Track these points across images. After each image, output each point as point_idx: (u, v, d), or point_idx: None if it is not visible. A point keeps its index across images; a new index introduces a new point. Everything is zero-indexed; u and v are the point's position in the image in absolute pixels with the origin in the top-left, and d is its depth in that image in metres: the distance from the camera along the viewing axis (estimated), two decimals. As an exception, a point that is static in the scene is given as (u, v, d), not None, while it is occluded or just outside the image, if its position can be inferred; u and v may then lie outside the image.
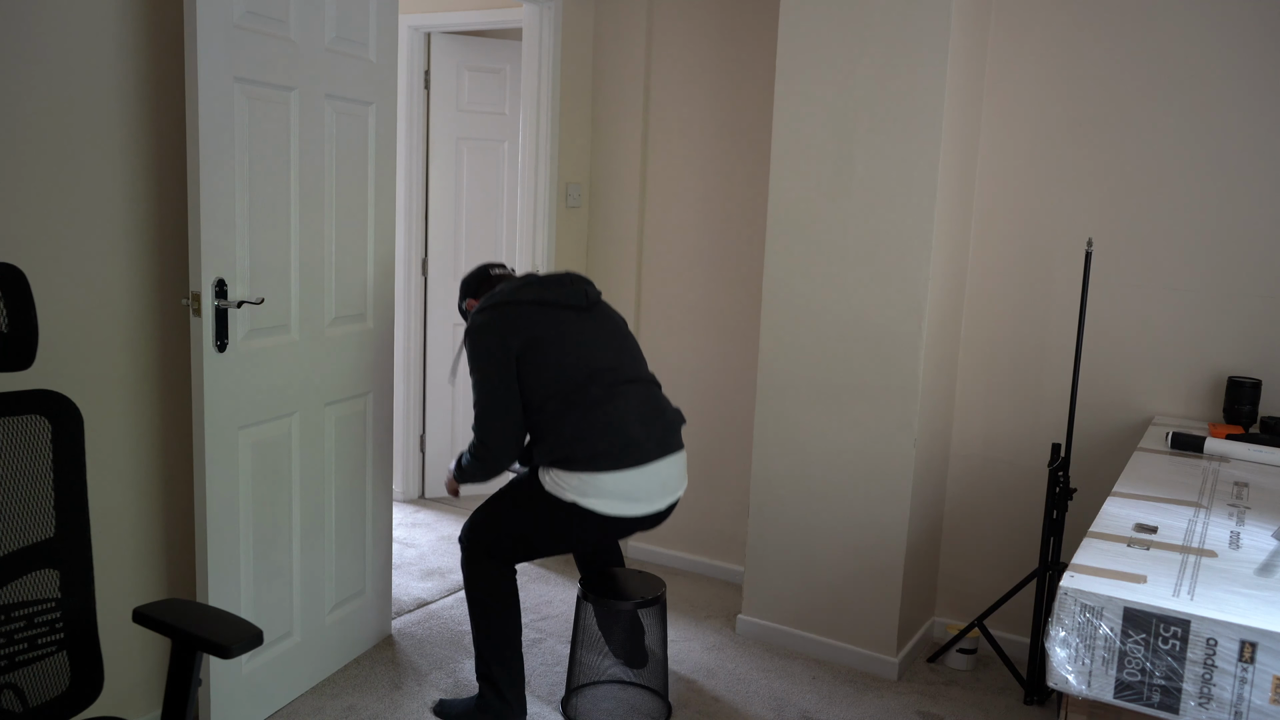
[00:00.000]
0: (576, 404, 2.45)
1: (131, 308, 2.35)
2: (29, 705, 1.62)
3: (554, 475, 2.47)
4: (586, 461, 2.41)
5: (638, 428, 2.48)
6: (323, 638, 2.82)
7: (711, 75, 3.64)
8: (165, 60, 2.35)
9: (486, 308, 2.54)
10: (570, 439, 2.43)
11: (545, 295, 2.54)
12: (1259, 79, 2.74)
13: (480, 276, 2.78)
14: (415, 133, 4.28)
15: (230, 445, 2.41)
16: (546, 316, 2.52)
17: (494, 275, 2.78)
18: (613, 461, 2.42)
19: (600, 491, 2.42)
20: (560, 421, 2.45)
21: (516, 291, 2.54)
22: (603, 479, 2.42)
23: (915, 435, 2.92)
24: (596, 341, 2.55)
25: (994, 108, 3.10)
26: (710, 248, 3.70)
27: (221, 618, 1.61)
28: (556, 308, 2.54)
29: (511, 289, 2.55)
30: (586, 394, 2.46)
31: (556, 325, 2.51)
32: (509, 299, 2.53)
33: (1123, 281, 2.97)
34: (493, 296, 2.56)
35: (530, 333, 2.48)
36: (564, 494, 2.44)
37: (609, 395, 2.48)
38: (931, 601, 3.34)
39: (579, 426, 2.44)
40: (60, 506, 1.65)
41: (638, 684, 2.77)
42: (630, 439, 2.45)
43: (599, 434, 2.43)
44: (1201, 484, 2.28)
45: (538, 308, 2.52)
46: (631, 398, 2.52)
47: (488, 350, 2.48)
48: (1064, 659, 1.63)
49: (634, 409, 2.50)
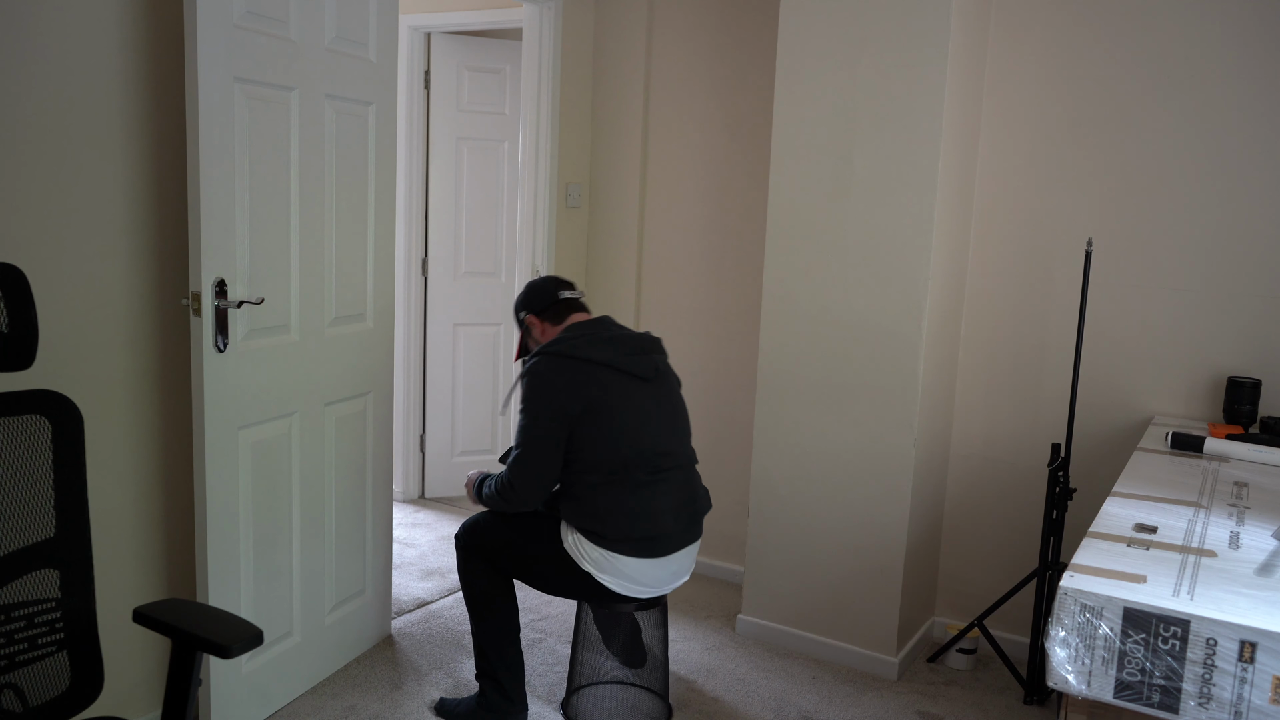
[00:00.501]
0: (618, 482, 2.41)
1: (131, 308, 2.35)
2: (29, 705, 1.62)
3: (577, 539, 2.45)
4: (614, 542, 2.41)
5: (670, 520, 2.46)
6: (323, 638, 2.82)
7: (711, 75, 3.64)
8: (165, 60, 2.35)
9: (556, 355, 2.44)
10: (603, 514, 2.41)
11: (617, 360, 2.45)
12: (1259, 79, 2.74)
13: (548, 294, 2.63)
14: (415, 133, 4.28)
15: (230, 445, 2.41)
16: (612, 385, 2.43)
17: (563, 300, 2.62)
18: (639, 549, 2.42)
19: (618, 573, 2.43)
20: (597, 494, 2.42)
21: (590, 348, 2.44)
22: (624, 562, 2.43)
23: (915, 435, 2.92)
24: (652, 420, 2.48)
25: (994, 108, 3.10)
26: (710, 248, 3.70)
27: (221, 618, 1.61)
28: (625, 375, 2.46)
29: (586, 343, 2.45)
30: (630, 476, 2.42)
31: (618, 397, 2.43)
32: (582, 356, 2.43)
33: (1123, 281, 2.97)
34: (566, 345, 2.45)
35: (592, 400, 2.40)
36: (581, 562, 2.44)
37: (651, 481, 2.45)
38: (931, 601, 3.34)
39: (615, 506, 2.41)
40: (60, 506, 1.65)
41: (638, 684, 2.77)
42: (661, 532, 2.45)
43: (633, 520, 2.41)
44: (1201, 484, 2.28)
45: (607, 370, 2.43)
46: (671, 486, 2.48)
47: (545, 403, 2.41)
48: (1064, 659, 1.63)
49: (671, 499, 2.47)
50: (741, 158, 3.60)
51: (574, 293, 2.64)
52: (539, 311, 2.63)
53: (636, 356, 2.49)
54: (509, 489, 2.47)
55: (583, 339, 2.47)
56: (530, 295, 2.66)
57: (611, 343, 2.48)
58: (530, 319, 2.64)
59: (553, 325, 2.60)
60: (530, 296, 2.66)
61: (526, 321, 2.65)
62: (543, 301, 2.63)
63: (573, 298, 2.63)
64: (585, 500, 2.43)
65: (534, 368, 2.46)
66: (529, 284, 2.70)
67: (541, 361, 2.45)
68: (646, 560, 2.44)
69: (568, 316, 2.60)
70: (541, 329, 2.62)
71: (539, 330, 2.62)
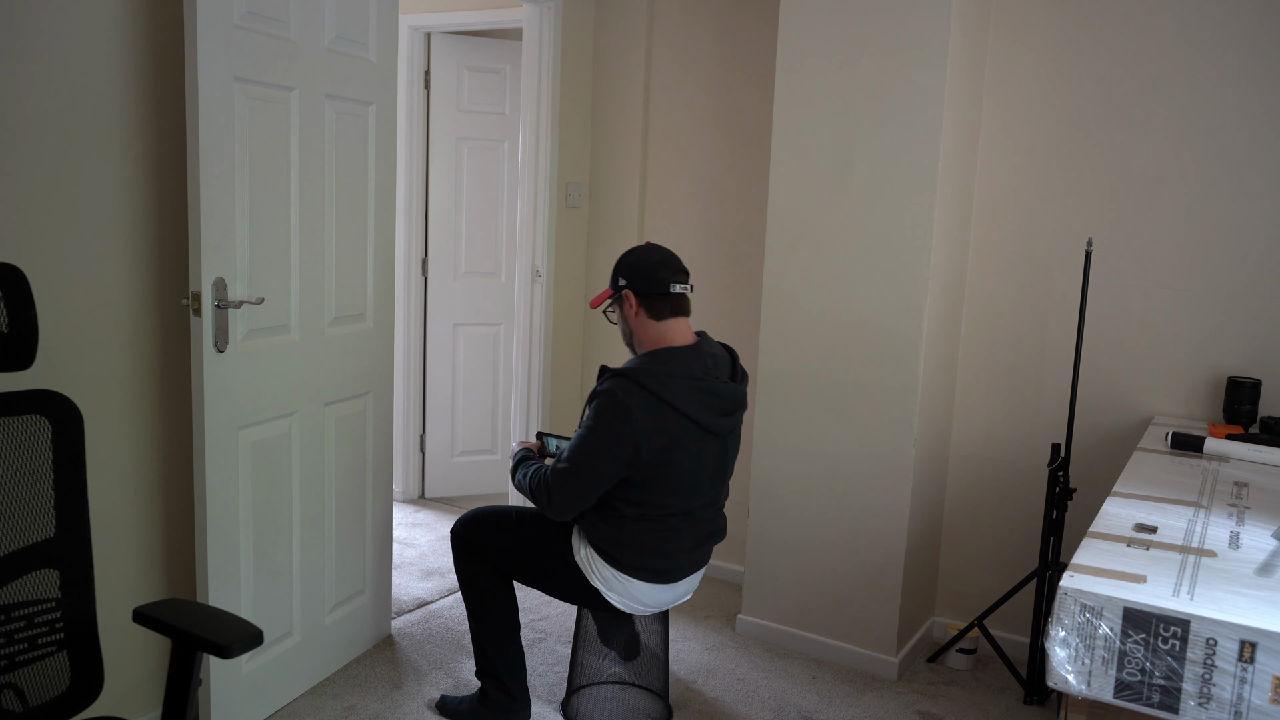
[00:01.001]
0: (648, 520, 2.37)
1: (131, 308, 2.35)
2: (29, 705, 1.62)
3: (590, 555, 2.42)
4: (628, 568, 2.39)
5: (689, 555, 2.45)
6: (323, 638, 2.82)
7: (711, 75, 3.64)
8: (165, 60, 2.35)
9: (646, 390, 2.26)
10: (625, 543, 2.38)
11: (704, 418, 2.30)
12: (1259, 79, 2.74)
13: (659, 280, 2.38)
14: (415, 133, 4.28)
15: (230, 445, 2.41)
16: (687, 439, 2.31)
17: (674, 294, 2.39)
18: (652, 578, 2.41)
19: (626, 594, 2.43)
20: (625, 524, 2.37)
21: (684, 395, 2.28)
22: (636, 586, 2.42)
23: (915, 435, 2.92)
24: (708, 475, 2.40)
25: (994, 108, 3.10)
26: (710, 248, 3.70)
27: (221, 618, 1.61)
28: (704, 431, 2.33)
29: (683, 387, 2.28)
30: (664, 520, 2.38)
31: (687, 453, 2.32)
32: (672, 403, 2.27)
33: (1123, 281, 2.97)
34: (660, 383, 2.27)
35: (662, 450, 2.28)
36: (591, 577, 2.42)
37: (683, 523, 2.40)
38: (931, 601, 3.34)
39: (639, 540, 2.37)
40: (60, 506, 1.65)
41: (638, 684, 2.77)
42: (678, 564, 2.44)
43: (654, 553, 2.39)
44: (1201, 484, 2.28)
45: (689, 424, 2.29)
46: (698, 524, 2.44)
47: (615, 435, 2.26)
48: (1064, 659, 1.63)
49: (694, 536, 2.44)
50: (741, 158, 3.60)
51: (684, 286, 2.42)
52: (642, 294, 2.39)
53: (723, 418, 2.36)
54: (546, 496, 2.36)
55: (680, 381, 2.29)
56: (639, 269, 2.41)
57: (707, 394, 2.32)
58: (629, 294, 2.41)
59: (650, 318, 2.39)
60: (639, 271, 2.40)
61: (624, 294, 2.42)
62: (651, 285, 2.38)
63: (681, 293, 2.41)
64: (610, 524, 2.38)
65: (618, 392, 2.27)
66: (641, 253, 2.44)
67: (630, 390, 2.27)
68: (657, 585, 2.44)
69: (668, 317, 2.40)
70: (635, 314, 2.41)
71: (632, 313, 2.41)
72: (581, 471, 2.30)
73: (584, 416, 2.34)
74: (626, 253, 2.48)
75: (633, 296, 2.40)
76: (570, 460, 2.32)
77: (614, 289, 2.45)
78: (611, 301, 2.47)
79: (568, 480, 2.32)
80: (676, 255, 2.46)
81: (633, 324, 2.43)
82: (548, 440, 2.67)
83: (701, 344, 2.42)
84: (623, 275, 2.43)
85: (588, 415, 2.32)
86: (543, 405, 3.91)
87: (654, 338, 2.40)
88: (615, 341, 3.95)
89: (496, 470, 4.57)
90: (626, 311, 2.43)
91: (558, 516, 2.38)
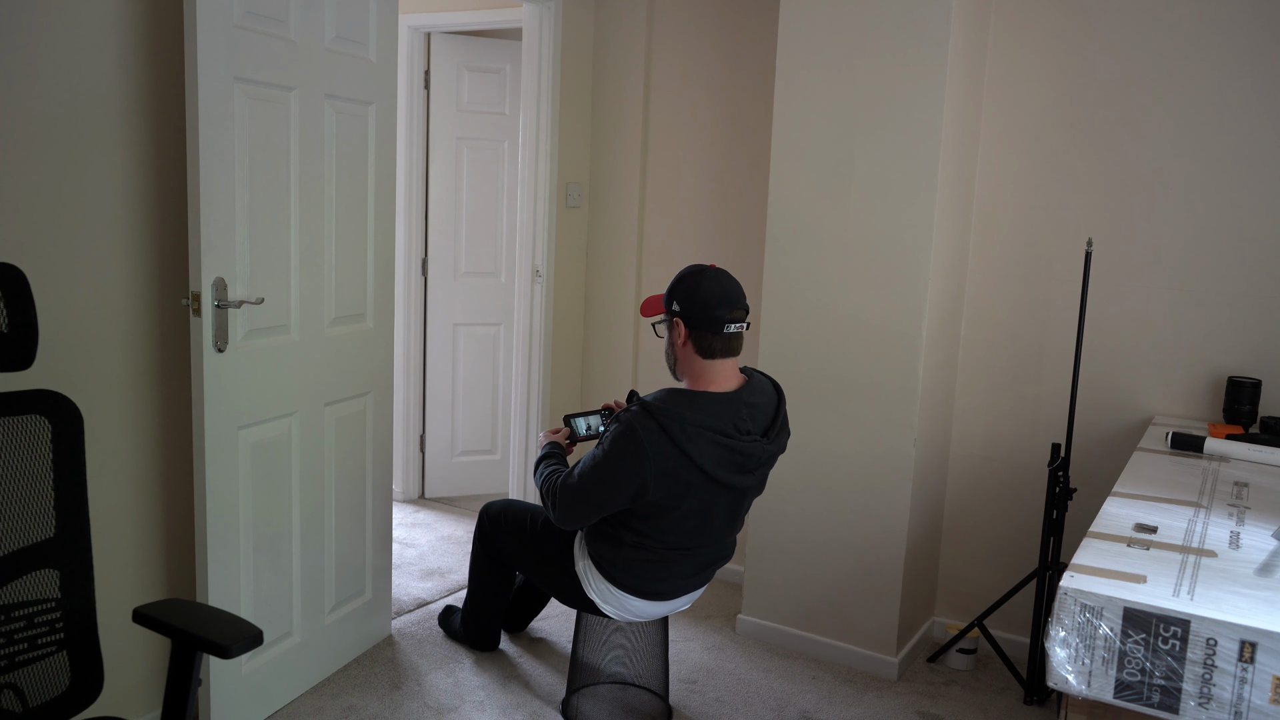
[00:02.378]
0: (649, 550, 2.34)
1: (131, 308, 2.35)
2: (29, 705, 1.62)
3: (588, 566, 2.43)
4: (627, 586, 2.39)
5: (687, 580, 2.44)
6: (323, 638, 2.81)
7: (711, 75, 3.64)
8: (165, 60, 2.35)
9: (666, 434, 2.16)
10: (622, 566, 2.37)
11: (720, 473, 2.20)
12: (1258, 79, 2.74)
13: (713, 317, 2.23)
14: (415, 133, 4.28)
15: (230, 445, 2.41)
16: (700, 489, 2.22)
17: (727, 334, 2.24)
18: (648, 596, 2.42)
19: (620, 606, 2.44)
20: (624, 549, 2.35)
21: (706, 450, 2.18)
22: (631, 601, 2.42)
23: (915, 435, 2.92)
24: (717, 521, 2.33)
25: (994, 108, 3.10)
26: (710, 248, 3.70)
27: (221, 618, 1.62)
28: (717, 485, 2.24)
29: (706, 440, 2.18)
30: (664, 554, 2.35)
31: (697, 503, 2.25)
32: (693, 456, 2.17)
33: (1123, 281, 2.97)
34: (684, 431, 2.16)
35: (671, 494, 2.21)
36: (586, 589, 2.43)
37: (682, 557, 2.37)
38: (931, 601, 3.34)
39: (637, 565, 2.36)
40: (60, 506, 1.65)
41: (638, 684, 2.77)
42: (674, 588, 2.44)
43: (649, 579, 2.39)
44: (1201, 484, 2.28)
45: (701, 476, 2.20)
46: (700, 557, 2.41)
47: (629, 470, 2.18)
48: (1064, 659, 1.63)
49: (697, 564, 2.42)
50: (741, 158, 3.60)
51: (740, 325, 2.26)
52: (694, 325, 2.25)
53: (742, 475, 2.27)
54: (552, 507, 2.35)
55: (705, 434, 2.18)
56: (696, 304, 2.24)
57: (730, 451, 2.22)
58: (680, 323, 2.27)
59: (696, 353, 2.27)
60: (696, 305, 2.24)
61: (675, 320, 2.28)
62: (705, 323, 2.24)
63: (735, 333, 2.26)
64: (609, 545, 2.37)
65: (638, 428, 2.17)
66: (703, 285, 2.25)
67: (650, 430, 2.17)
68: (652, 602, 2.44)
69: (716, 357, 2.26)
70: (683, 343, 2.28)
71: (680, 341, 2.28)
72: (587, 495, 2.27)
73: (606, 434, 2.27)
74: (689, 275, 2.29)
75: (683, 326, 2.26)
76: (579, 480, 2.27)
77: (667, 309, 2.31)
78: (662, 319, 2.35)
79: (573, 499, 2.30)
80: (740, 287, 2.29)
81: (678, 351, 2.31)
82: (576, 423, 2.64)
83: (743, 391, 2.28)
84: (678, 300, 2.28)
85: (606, 440, 2.25)
86: (543, 405, 3.91)
87: (695, 373, 2.29)
88: (615, 342, 3.95)
89: (496, 470, 4.57)
90: (674, 337, 2.31)
91: (566, 525, 2.38)
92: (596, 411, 2.72)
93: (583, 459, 2.31)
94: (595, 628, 2.73)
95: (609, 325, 3.97)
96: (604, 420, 2.71)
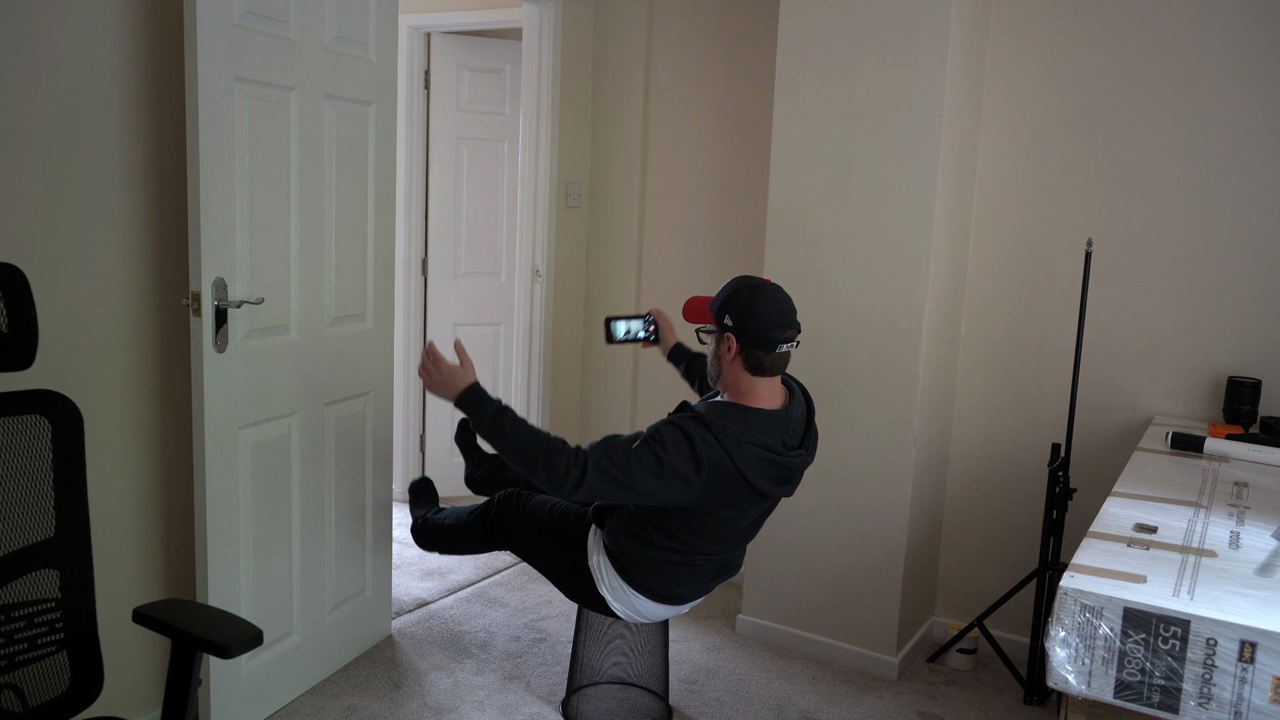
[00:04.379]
0: (677, 553, 2.30)
1: (131, 308, 2.35)
2: (29, 705, 1.62)
3: (603, 562, 2.40)
4: (642, 588, 2.38)
5: (702, 586, 2.43)
6: (323, 638, 2.82)
7: (711, 75, 3.64)
8: (165, 60, 2.35)
9: (719, 450, 2.11)
10: (645, 565, 2.34)
11: (761, 484, 2.17)
12: (1258, 79, 2.74)
13: (767, 337, 2.17)
14: (415, 133, 4.28)
15: (230, 445, 2.41)
16: (742, 502, 2.21)
17: (779, 353, 2.19)
18: (660, 599, 2.41)
19: (630, 605, 2.42)
20: (650, 549, 2.30)
21: (754, 467, 2.15)
22: (642, 602, 2.41)
23: (915, 435, 2.92)
24: (749, 528, 2.34)
25: (994, 108, 3.10)
26: (710, 248, 3.70)
27: (221, 618, 1.62)
28: (760, 496, 2.22)
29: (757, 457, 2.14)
30: (691, 558, 2.32)
31: (737, 513, 2.24)
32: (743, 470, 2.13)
33: (1122, 281, 2.97)
34: (740, 449, 2.12)
35: (712, 505, 2.18)
36: (598, 585, 2.41)
37: (706, 561, 2.35)
38: (931, 601, 3.34)
39: (661, 567, 2.34)
40: (60, 506, 1.65)
41: (638, 684, 2.77)
42: (688, 594, 2.43)
43: (669, 582, 2.37)
44: (1201, 484, 2.28)
45: (747, 489, 2.17)
46: (719, 563, 2.38)
47: (674, 476, 2.09)
48: (1064, 659, 1.63)
49: (715, 571, 2.41)
50: (741, 158, 3.60)
51: (792, 345, 2.22)
52: (747, 343, 2.19)
53: (783, 486, 2.25)
54: (576, 473, 2.07)
55: (757, 451, 2.14)
56: (752, 323, 2.18)
57: (778, 467, 2.19)
58: (731, 338, 2.20)
59: (745, 369, 2.21)
60: (752, 324, 2.18)
61: (726, 335, 2.21)
62: (759, 342, 2.17)
63: (788, 349, 2.21)
64: (635, 543, 2.33)
65: (696, 439, 2.11)
66: (761, 304, 2.18)
67: (709, 443, 2.11)
68: (664, 605, 2.44)
69: (765, 376, 2.21)
70: (732, 359, 2.21)
71: (729, 356, 2.21)
72: (629, 475, 2.09)
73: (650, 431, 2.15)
74: (745, 290, 2.21)
75: (735, 342, 2.19)
76: (622, 464, 2.09)
77: (718, 322, 2.23)
78: (711, 329, 2.27)
79: (604, 472, 2.08)
80: (793, 305, 2.25)
81: (725, 365, 2.24)
82: (615, 325, 2.56)
83: (791, 407, 2.26)
84: (731, 315, 2.20)
85: (658, 438, 2.12)
86: (543, 405, 3.91)
87: (743, 390, 2.23)
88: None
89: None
90: (722, 350, 2.23)
91: (565, 495, 2.11)
92: (640, 316, 2.62)
93: (623, 440, 2.13)
94: (595, 628, 2.73)
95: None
96: (646, 326, 2.60)
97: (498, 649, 3.10)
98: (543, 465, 2.09)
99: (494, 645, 3.12)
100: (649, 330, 2.66)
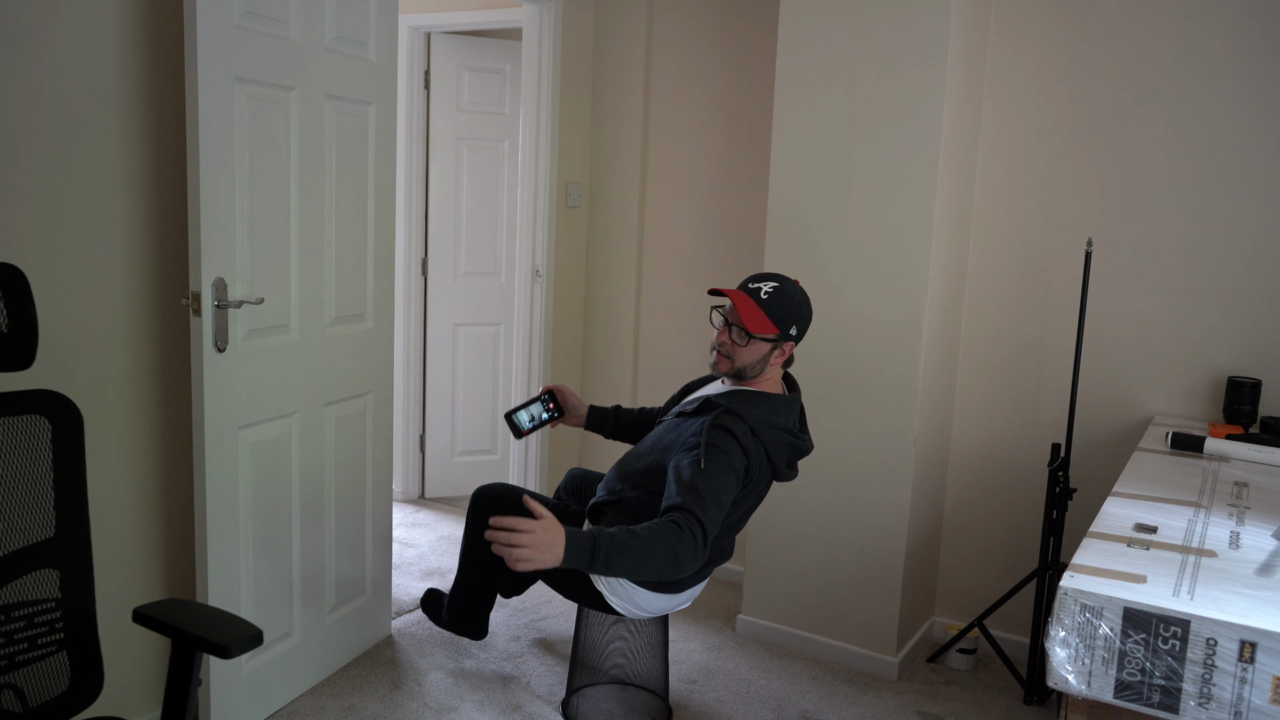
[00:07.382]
0: None
1: (131, 307, 2.35)
2: (29, 705, 1.62)
3: None
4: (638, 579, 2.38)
5: (702, 571, 2.43)
6: (323, 638, 2.82)
7: (711, 75, 3.64)
8: (165, 60, 2.35)
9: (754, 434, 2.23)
10: None
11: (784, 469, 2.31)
12: (1258, 79, 2.74)
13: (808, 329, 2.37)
14: (415, 133, 4.28)
15: (230, 445, 2.41)
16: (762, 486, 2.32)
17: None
18: (658, 588, 2.40)
19: (628, 599, 2.42)
20: None
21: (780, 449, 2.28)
22: (638, 593, 2.41)
23: (915, 435, 2.92)
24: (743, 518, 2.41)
25: (994, 108, 3.10)
26: (710, 248, 3.70)
27: (221, 618, 1.62)
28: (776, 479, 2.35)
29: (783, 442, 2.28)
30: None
31: (754, 497, 2.34)
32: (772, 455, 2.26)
33: (1122, 281, 2.97)
34: (771, 433, 2.26)
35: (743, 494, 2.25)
36: (596, 580, 2.41)
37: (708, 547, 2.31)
38: (931, 601, 3.34)
39: None
40: (60, 506, 1.65)
41: (638, 684, 2.77)
42: (686, 582, 2.43)
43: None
44: (1201, 484, 2.28)
45: (770, 473, 2.31)
46: (715, 552, 2.39)
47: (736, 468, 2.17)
48: (1064, 659, 1.63)
49: (712, 559, 2.41)
50: (741, 158, 3.60)
51: None
52: (799, 343, 2.39)
53: (792, 469, 2.37)
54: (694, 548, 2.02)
55: (782, 435, 2.28)
56: (806, 327, 2.35)
57: (794, 450, 2.34)
58: (791, 348, 2.33)
59: (783, 365, 2.38)
60: (806, 326, 2.35)
61: (786, 344, 2.32)
62: (801, 339, 2.36)
63: None
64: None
65: (736, 433, 2.20)
66: (808, 303, 2.35)
67: (745, 434, 2.21)
68: (660, 595, 2.43)
69: (789, 367, 2.43)
70: (779, 361, 2.34)
71: (778, 359, 2.33)
72: (718, 496, 2.11)
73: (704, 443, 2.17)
74: (804, 300, 2.33)
75: (792, 350, 2.35)
76: (700, 487, 2.10)
77: (782, 332, 2.29)
78: (774, 338, 2.30)
79: (710, 508, 2.08)
80: None
81: (770, 365, 2.33)
82: (518, 417, 2.57)
83: (794, 392, 2.41)
84: (798, 326, 2.31)
85: (705, 443, 2.16)
86: (543, 405, 3.91)
87: (770, 382, 2.37)
88: (615, 342, 3.95)
89: (496, 470, 4.57)
90: (775, 355, 2.31)
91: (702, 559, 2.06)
92: (537, 399, 2.63)
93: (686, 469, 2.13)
94: (595, 628, 2.73)
95: (609, 325, 3.97)
96: (545, 405, 2.62)
97: (498, 649, 3.10)
98: (680, 564, 2.02)
99: (494, 645, 3.12)
100: (549, 409, 2.64)
